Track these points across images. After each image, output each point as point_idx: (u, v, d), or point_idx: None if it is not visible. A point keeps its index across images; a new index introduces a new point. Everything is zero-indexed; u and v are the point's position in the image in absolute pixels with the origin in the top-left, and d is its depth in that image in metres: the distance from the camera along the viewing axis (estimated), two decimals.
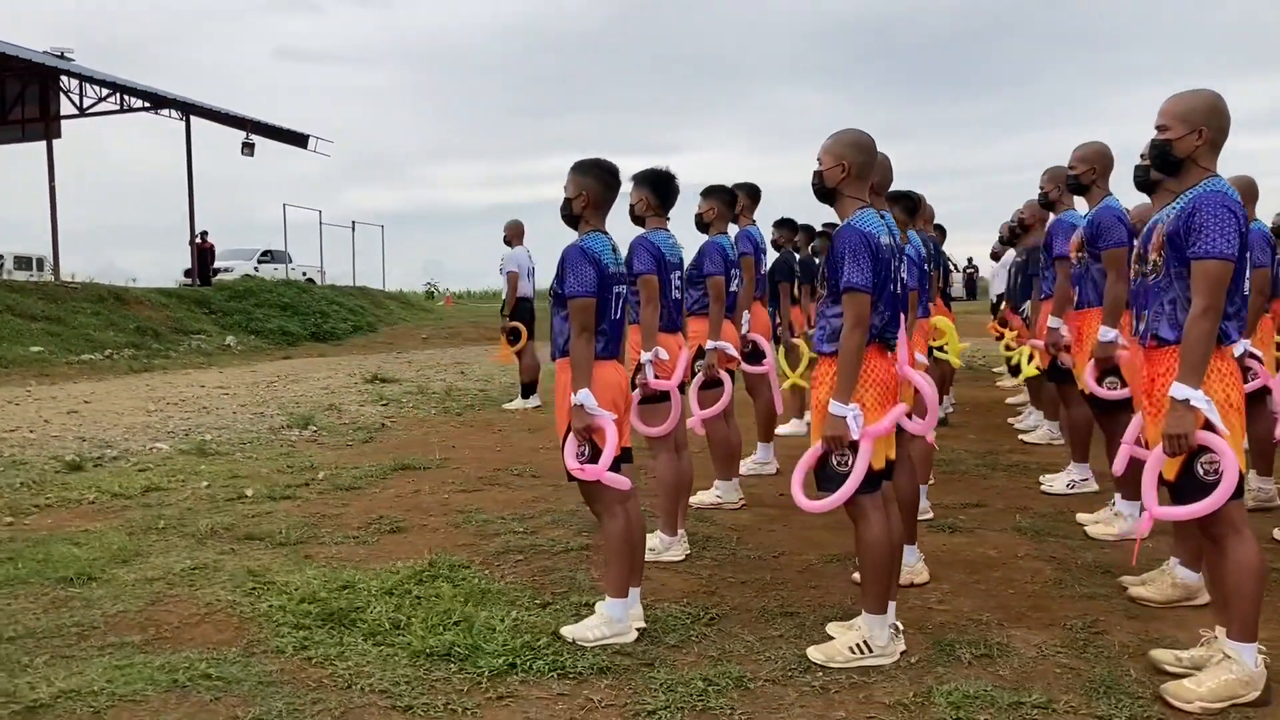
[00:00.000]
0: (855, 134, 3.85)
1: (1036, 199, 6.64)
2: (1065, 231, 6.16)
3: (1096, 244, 5.39)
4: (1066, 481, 6.51)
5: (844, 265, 3.65)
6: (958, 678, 3.62)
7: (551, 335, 4.13)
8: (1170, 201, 3.59)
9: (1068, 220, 6.20)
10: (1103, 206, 5.37)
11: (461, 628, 4.04)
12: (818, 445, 3.75)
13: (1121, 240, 5.34)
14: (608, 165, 4.14)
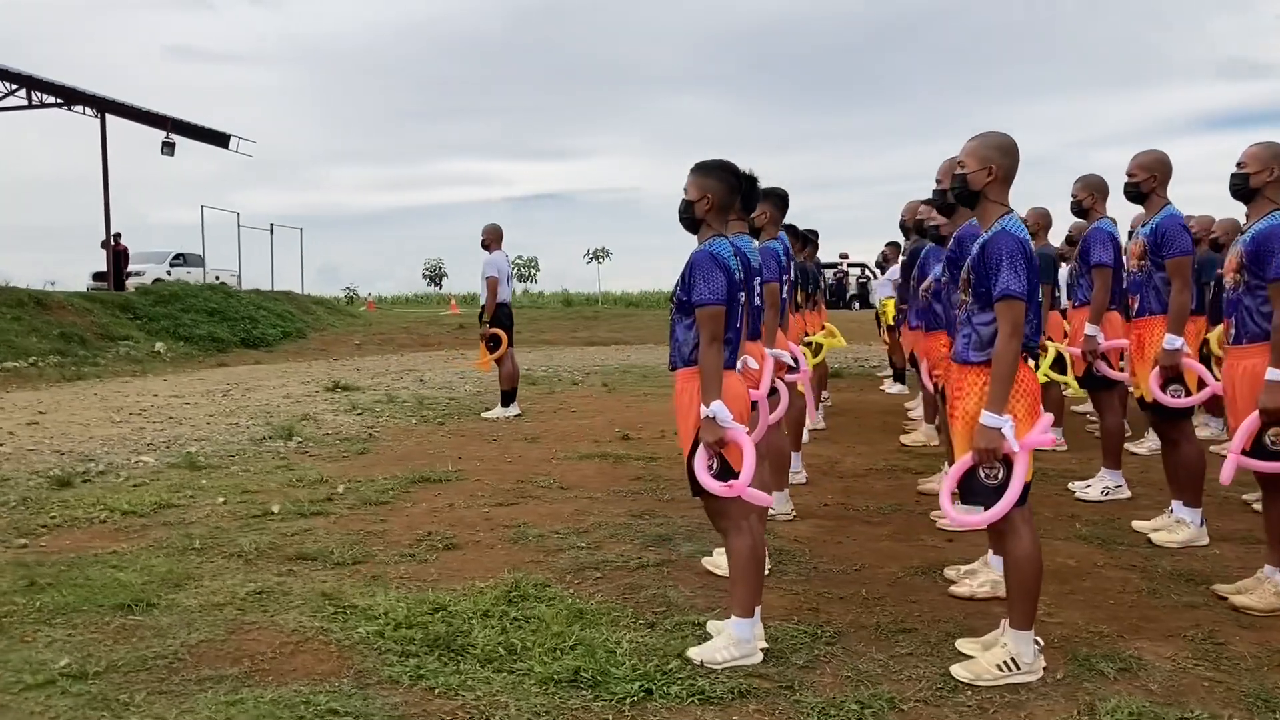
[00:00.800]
0: (1000, 136, 3.76)
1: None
2: (1102, 240, 6.17)
3: (1161, 252, 5.39)
4: (1101, 489, 6.52)
5: (1001, 271, 3.55)
6: (1111, 694, 3.54)
7: (673, 344, 3.94)
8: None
9: (1105, 229, 6.22)
10: (1166, 215, 5.37)
11: (579, 652, 3.84)
12: (967, 457, 3.64)
13: (1186, 249, 5.35)
14: (731, 166, 3.99)
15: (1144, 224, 5.56)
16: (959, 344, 3.77)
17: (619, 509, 6.23)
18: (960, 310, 3.78)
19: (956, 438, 3.75)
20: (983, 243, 3.65)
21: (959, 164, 3.81)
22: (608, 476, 7.25)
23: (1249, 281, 4.39)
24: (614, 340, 26.48)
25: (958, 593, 4.61)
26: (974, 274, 3.68)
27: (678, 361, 3.93)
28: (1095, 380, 6.34)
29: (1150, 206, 5.47)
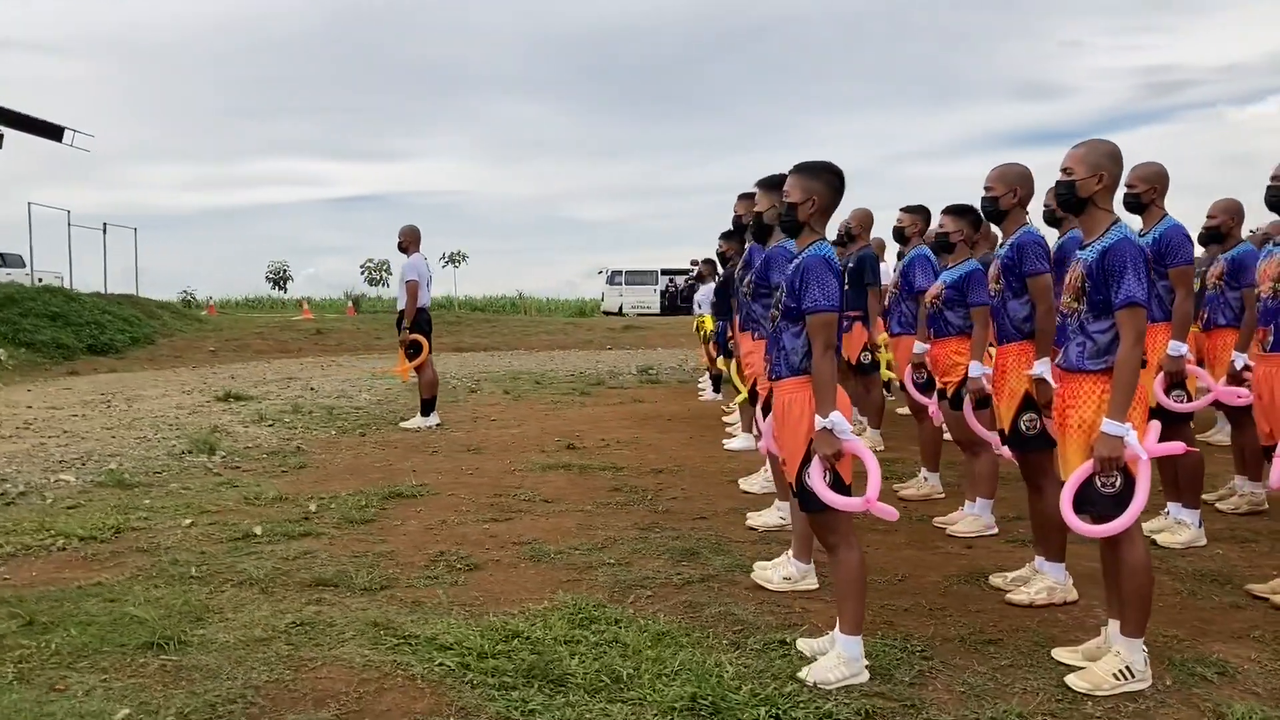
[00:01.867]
0: (1109, 144, 3.76)
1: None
2: None
3: (1164, 261, 5.51)
4: None
5: (1125, 278, 3.54)
6: (1225, 698, 3.58)
7: (778, 352, 3.80)
8: None
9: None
10: (1169, 225, 5.47)
11: (685, 677, 3.65)
12: (1087, 466, 3.61)
13: (1189, 258, 5.51)
14: (836, 169, 3.87)
15: (1143, 234, 5.67)
16: (1073, 352, 3.73)
17: (621, 522, 6.03)
18: (1073, 318, 3.74)
19: (1071, 447, 3.72)
20: (1104, 249, 3.62)
21: (1065, 170, 3.78)
22: (584, 489, 7.03)
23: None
24: (483, 346, 25.98)
25: (1017, 600, 4.60)
26: (1089, 281, 3.65)
27: (783, 371, 3.78)
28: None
29: (1149, 217, 5.51)
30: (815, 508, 3.72)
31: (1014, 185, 4.72)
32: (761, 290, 4.95)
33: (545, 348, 24.31)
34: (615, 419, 10.88)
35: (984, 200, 4.81)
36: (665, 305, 40.43)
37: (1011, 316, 4.67)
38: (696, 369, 17.77)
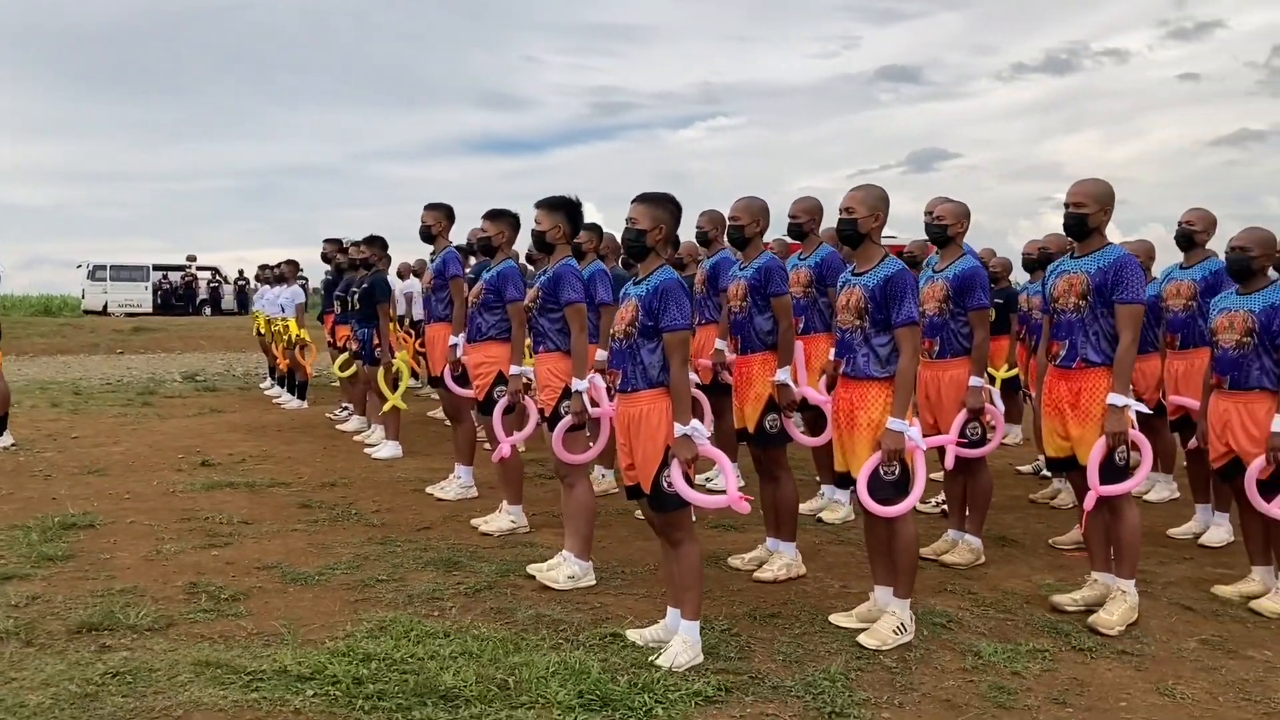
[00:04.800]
0: (882, 189, 4.53)
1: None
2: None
3: (826, 282, 6.39)
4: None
5: (905, 301, 4.31)
6: (971, 639, 4.48)
7: (635, 367, 4.10)
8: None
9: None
10: (829, 251, 6.34)
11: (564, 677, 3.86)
12: (876, 457, 4.33)
13: None
14: (675, 199, 4.26)
15: (804, 257, 6.51)
16: (859, 362, 4.44)
17: (351, 539, 5.93)
18: (856, 334, 4.44)
19: (860, 442, 4.42)
20: (886, 277, 4.36)
21: (846, 209, 4.48)
22: (271, 508, 6.72)
23: None
24: None
25: (763, 578, 5.28)
26: (871, 303, 4.38)
27: (640, 383, 4.10)
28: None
29: (809, 245, 6.24)
30: (671, 506, 4.09)
31: (757, 217, 5.38)
32: (549, 305, 5.17)
33: (44, 352, 21.63)
34: (219, 432, 10.24)
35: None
36: (159, 304, 37.34)
37: (757, 330, 5.33)
38: (251, 374, 16.95)
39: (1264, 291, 4.97)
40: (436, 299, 7.22)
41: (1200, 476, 6.32)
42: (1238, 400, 4.99)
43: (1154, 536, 6.12)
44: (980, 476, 5.73)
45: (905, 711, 3.76)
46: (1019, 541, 6.23)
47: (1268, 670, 4.25)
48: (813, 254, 6.26)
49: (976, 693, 3.94)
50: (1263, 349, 4.90)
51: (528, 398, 5.84)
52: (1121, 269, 4.59)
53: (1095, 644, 4.47)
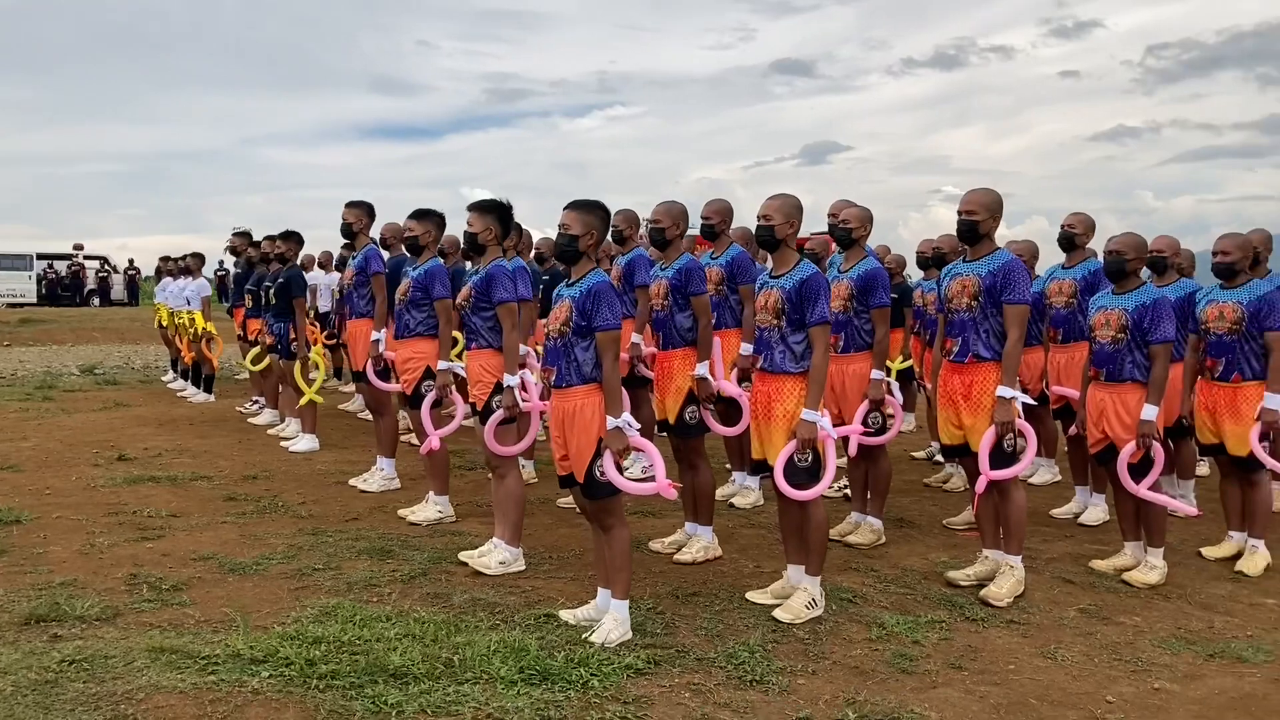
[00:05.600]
0: (797, 198, 4.88)
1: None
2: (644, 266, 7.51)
3: (736, 280, 6.75)
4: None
5: (818, 303, 4.67)
6: (875, 613, 4.87)
7: (569, 364, 4.37)
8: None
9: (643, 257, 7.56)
10: (740, 251, 6.71)
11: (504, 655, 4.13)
12: (791, 445, 4.68)
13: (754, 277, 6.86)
14: (606, 206, 4.56)
15: (715, 256, 6.84)
16: (776, 358, 4.79)
17: (282, 530, 6.09)
18: (773, 332, 4.80)
19: (776, 432, 4.77)
20: (801, 280, 4.71)
21: (765, 217, 4.83)
22: (196, 501, 6.84)
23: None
24: None
25: (683, 560, 5.62)
26: (788, 304, 4.74)
27: (574, 379, 4.38)
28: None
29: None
30: (604, 494, 4.39)
31: (677, 220, 5.71)
32: (481, 305, 5.39)
33: None
34: (129, 426, 10.19)
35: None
36: (44, 294, 36.14)
37: (678, 327, 5.65)
38: (151, 367, 16.70)
39: (1136, 292, 5.47)
40: (358, 295, 7.39)
41: (1079, 461, 6.86)
42: (1113, 391, 5.48)
43: (1037, 516, 6.62)
44: (881, 463, 6.16)
45: (818, 678, 4.12)
46: (915, 522, 6.69)
47: (1137, 634, 4.73)
48: (724, 253, 6.57)
49: (882, 660, 4.32)
50: (1135, 344, 5.39)
51: (454, 392, 6.08)
52: (1010, 273, 5.02)
53: (986, 614, 4.90)
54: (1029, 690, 4.08)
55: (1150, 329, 5.31)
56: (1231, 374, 5.72)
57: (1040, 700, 3.99)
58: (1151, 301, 5.35)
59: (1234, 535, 5.99)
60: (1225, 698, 4.07)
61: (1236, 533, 5.97)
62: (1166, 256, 6.31)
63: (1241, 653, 4.51)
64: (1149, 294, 5.43)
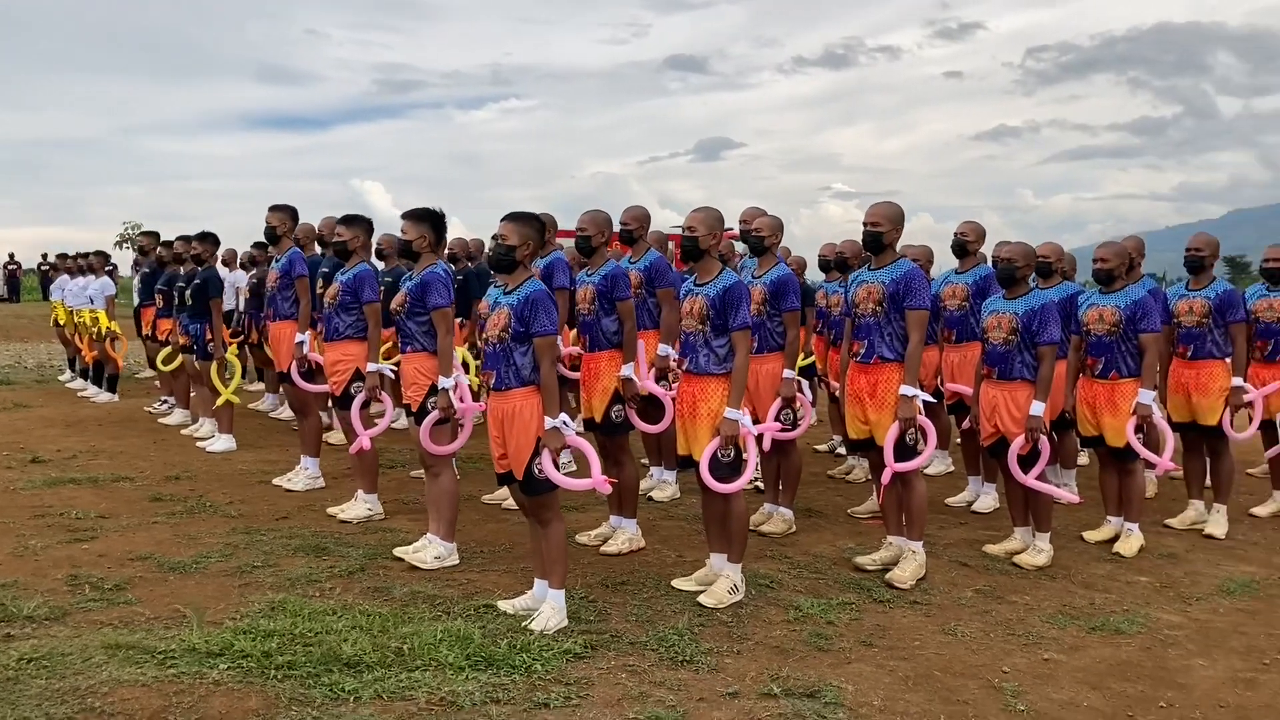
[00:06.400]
0: (719, 211, 5.21)
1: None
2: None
3: (655, 283, 7.06)
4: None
5: (740, 309, 5.01)
6: (791, 597, 5.25)
7: (508, 368, 4.64)
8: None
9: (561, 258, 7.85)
10: (657, 257, 7.06)
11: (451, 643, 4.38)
12: (715, 442, 5.02)
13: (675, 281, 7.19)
14: (541, 218, 4.83)
15: (634, 261, 7.15)
16: (701, 360, 5.12)
17: (215, 530, 6.21)
18: (698, 336, 5.12)
19: (701, 430, 5.10)
20: (725, 287, 5.04)
21: (689, 228, 5.16)
22: (123, 502, 6.89)
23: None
24: None
25: (610, 551, 5.92)
26: (712, 310, 5.07)
27: (513, 382, 4.65)
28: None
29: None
30: (542, 491, 4.67)
31: (602, 228, 6.01)
32: (416, 310, 5.60)
33: None
34: (35, 427, 10.07)
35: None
36: None
37: (604, 330, 5.95)
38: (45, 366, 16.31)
39: (1025, 297, 5.94)
40: (282, 298, 7.52)
41: (973, 453, 7.37)
42: (1003, 389, 5.95)
43: (934, 505, 7.08)
44: (791, 456, 6.55)
45: (743, 657, 4.47)
46: (823, 512, 7.11)
47: (1027, 611, 5.19)
48: (642, 258, 6.88)
49: (799, 639, 4.69)
50: (1024, 346, 5.86)
51: (383, 393, 6.29)
52: (911, 280, 5.44)
53: (892, 596, 5.32)
54: (933, 663, 4.48)
55: (1038, 332, 5.79)
56: (1109, 372, 6.24)
57: (943, 672, 4.39)
58: (1039, 307, 5.82)
59: (1112, 520, 6.53)
60: (1105, 665, 4.54)
61: (1114, 517, 6.52)
62: (1051, 262, 6.83)
63: (1119, 625, 5.00)
64: (1037, 299, 5.90)
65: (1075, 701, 4.15)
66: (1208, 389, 6.80)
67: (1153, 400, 6.18)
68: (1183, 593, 5.57)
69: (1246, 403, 6.86)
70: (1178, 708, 4.13)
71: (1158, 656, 4.66)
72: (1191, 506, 7.03)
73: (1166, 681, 4.38)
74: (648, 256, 6.93)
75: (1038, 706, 4.09)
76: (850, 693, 4.13)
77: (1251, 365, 7.09)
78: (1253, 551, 6.43)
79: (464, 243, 10.15)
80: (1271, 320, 7.14)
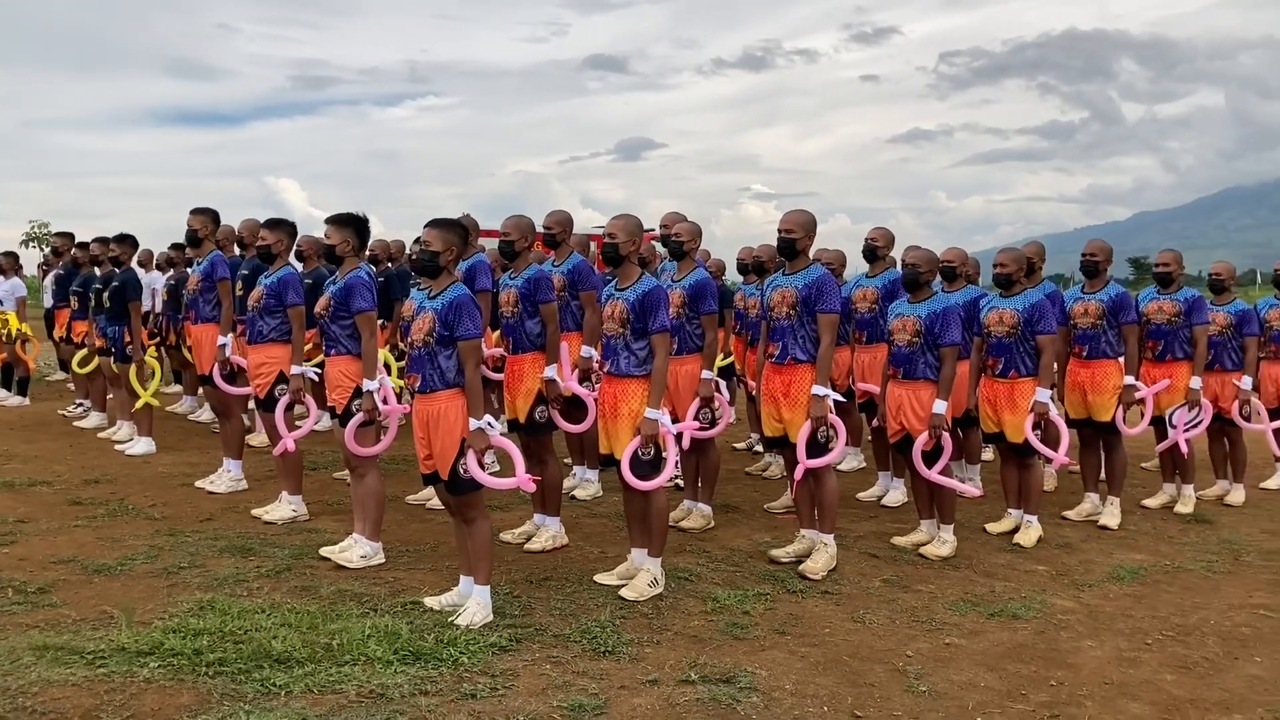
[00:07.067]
0: (638, 219, 5.42)
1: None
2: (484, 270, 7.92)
3: (579, 287, 7.21)
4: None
5: (659, 313, 5.21)
6: (708, 589, 5.47)
7: (433, 370, 4.77)
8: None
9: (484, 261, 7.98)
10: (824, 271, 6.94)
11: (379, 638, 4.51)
12: (636, 441, 5.21)
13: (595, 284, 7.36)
14: (463, 224, 4.97)
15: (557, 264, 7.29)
16: (622, 363, 5.30)
17: (138, 532, 6.24)
18: (619, 339, 5.30)
19: (623, 429, 5.28)
20: (644, 292, 5.23)
21: (610, 235, 5.35)
22: (41, 506, 6.86)
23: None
24: None
25: (533, 548, 6.08)
26: (632, 314, 5.26)
27: (438, 385, 4.78)
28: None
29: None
30: (467, 490, 4.81)
31: (525, 233, 6.17)
32: (340, 314, 5.69)
33: None
34: None
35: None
36: None
37: (528, 332, 6.10)
38: None
39: (928, 301, 6.23)
40: (204, 300, 7.53)
41: (881, 449, 7.67)
42: (908, 388, 6.23)
43: (846, 499, 7.36)
44: (710, 454, 6.77)
45: (663, 647, 4.67)
46: (740, 508, 7.35)
47: (931, 599, 5.47)
48: (565, 261, 7.04)
49: (717, 629, 4.90)
50: (927, 347, 6.15)
51: (307, 396, 6.36)
52: (822, 285, 5.70)
53: (804, 587, 5.56)
54: (842, 649, 4.73)
55: (940, 334, 6.08)
56: (1009, 372, 6.57)
57: (852, 657, 4.64)
58: (941, 310, 6.12)
59: (1012, 512, 6.87)
60: (1002, 648, 4.82)
61: (1014, 510, 6.85)
62: (955, 266, 7.16)
63: (1016, 611, 5.30)
64: (940, 302, 6.20)
65: (973, 682, 4.41)
66: (1102, 387, 7.16)
67: (1050, 398, 6.51)
68: (1076, 580, 5.90)
69: (1138, 400, 7.25)
70: (1067, 686, 4.42)
71: (1050, 639, 4.96)
72: (1087, 499, 7.40)
73: (1058, 662, 4.67)
74: (571, 260, 7.08)
75: (938, 688, 4.34)
76: (764, 678, 4.35)
77: (1143, 364, 7.49)
78: (1143, 540, 6.81)
79: (385, 244, 10.21)
80: (1162, 322, 7.55)
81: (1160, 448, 7.69)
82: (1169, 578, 5.98)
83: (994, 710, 4.14)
